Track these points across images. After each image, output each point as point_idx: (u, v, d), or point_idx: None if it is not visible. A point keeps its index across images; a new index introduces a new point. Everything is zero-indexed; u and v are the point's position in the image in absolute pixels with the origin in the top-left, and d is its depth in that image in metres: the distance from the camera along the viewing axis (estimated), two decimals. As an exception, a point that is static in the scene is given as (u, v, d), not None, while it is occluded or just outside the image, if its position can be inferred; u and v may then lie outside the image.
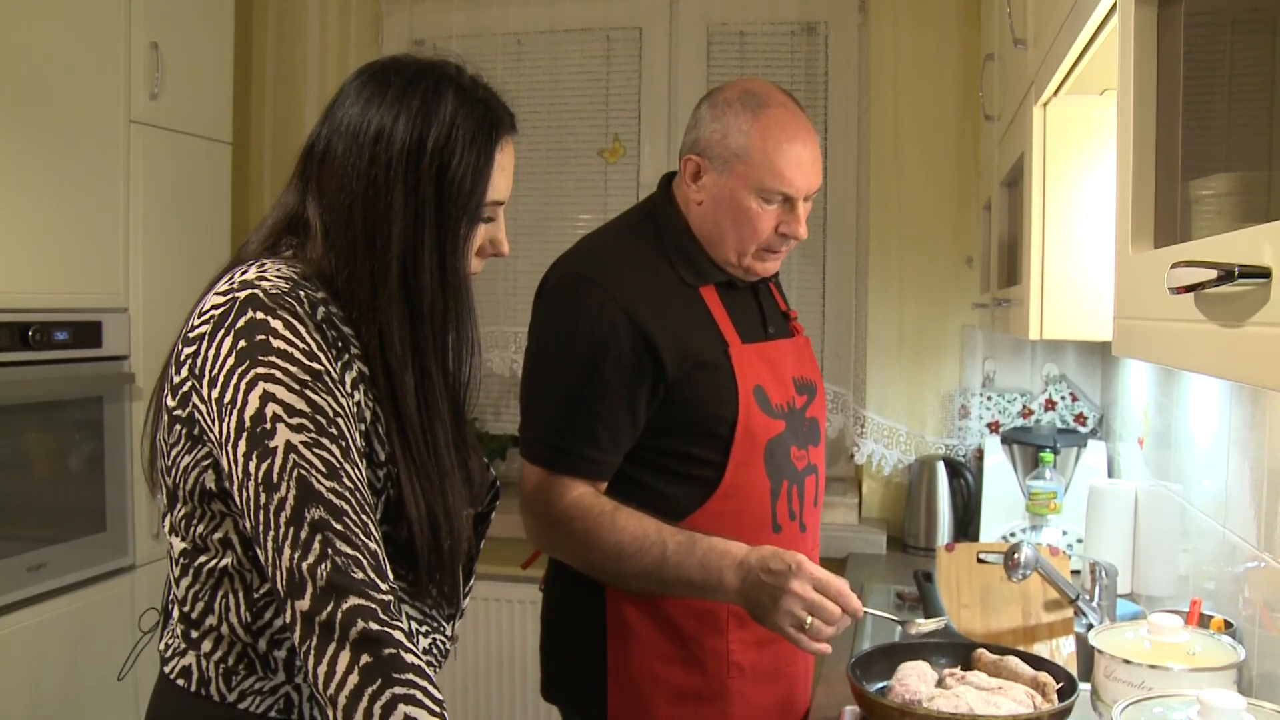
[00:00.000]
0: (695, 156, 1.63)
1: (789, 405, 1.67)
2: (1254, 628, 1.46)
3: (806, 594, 1.42)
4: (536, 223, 3.18)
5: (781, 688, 1.69)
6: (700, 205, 1.64)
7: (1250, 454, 1.48)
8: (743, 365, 1.62)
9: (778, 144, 1.58)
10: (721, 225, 1.63)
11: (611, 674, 1.63)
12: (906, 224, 2.87)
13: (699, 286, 1.65)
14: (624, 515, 1.54)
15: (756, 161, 1.58)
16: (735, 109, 1.61)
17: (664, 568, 1.51)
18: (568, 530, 1.57)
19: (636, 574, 1.54)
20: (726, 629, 1.62)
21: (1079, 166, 1.62)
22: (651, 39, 3.15)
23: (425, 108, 1.15)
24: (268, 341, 1.07)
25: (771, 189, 1.59)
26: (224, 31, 2.98)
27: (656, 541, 1.52)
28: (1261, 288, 0.61)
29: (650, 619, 1.62)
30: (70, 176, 2.45)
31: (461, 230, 1.17)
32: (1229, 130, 0.97)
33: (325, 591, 1.00)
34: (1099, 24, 1.16)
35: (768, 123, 1.59)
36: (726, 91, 1.64)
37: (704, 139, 1.63)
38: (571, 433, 1.57)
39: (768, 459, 1.62)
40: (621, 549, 1.53)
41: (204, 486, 1.12)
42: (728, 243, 1.63)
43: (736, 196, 1.60)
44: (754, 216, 1.60)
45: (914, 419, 2.91)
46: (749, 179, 1.59)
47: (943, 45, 2.84)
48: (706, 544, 1.51)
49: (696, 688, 1.62)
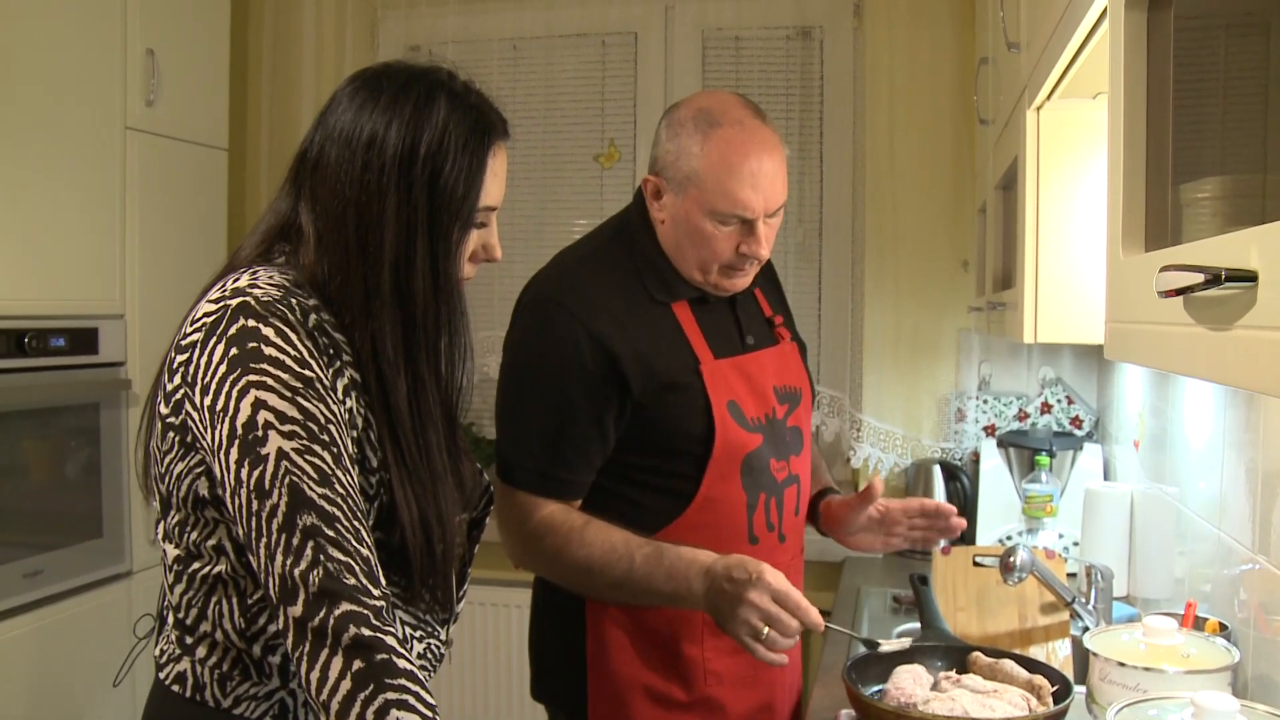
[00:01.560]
0: (653, 177, 1.62)
1: (767, 417, 1.67)
2: (1249, 630, 1.46)
3: (764, 604, 1.42)
4: (533, 228, 3.19)
5: (761, 693, 1.69)
6: (663, 224, 1.63)
7: (1245, 456, 1.48)
8: (715, 382, 1.61)
9: (729, 166, 1.53)
10: (682, 246, 1.61)
11: (591, 678, 1.64)
12: (902, 228, 2.87)
13: (670, 303, 1.64)
14: (593, 530, 1.55)
15: (708, 186, 1.54)
16: (688, 130, 1.56)
17: (632, 580, 1.52)
18: (538, 548, 1.58)
19: (607, 587, 1.56)
20: (702, 637, 1.62)
21: (1073, 170, 1.62)
22: (647, 44, 3.16)
23: (418, 114, 1.16)
24: (260, 349, 1.07)
25: (725, 212, 1.55)
26: (220, 38, 2.99)
27: (624, 555, 1.53)
28: (1248, 291, 0.61)
29: (628, 626, 1.63)
30: (67, 183, 2.46)
31: (454, 236, 1.17)
32: (1219, 134, 0.98)
33: (318, 598, 1.00)
34: (1091, 28, 1.16)
35: (719, 144, 1.54)
36: (682, 110, 1.61)
37: (660, 159, 1.61)
38: (540, 454, 1.58)
39: (745, 473, 1.62)
40: (591, 564, 1.54)
41: (197, 493, 1.12)
42: (690, 262, 1.62)
43: (692, 219, 1.57)
44: (710, 239, 1.57)
45: (910, 422, 2.92)
46: (702, 203, 1.55)
47: (937, 49, 2.84)
48: (674, 554, 1.52)
49: (674, 695, 1.63)
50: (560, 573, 1.60)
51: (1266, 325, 0.60)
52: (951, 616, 1.79)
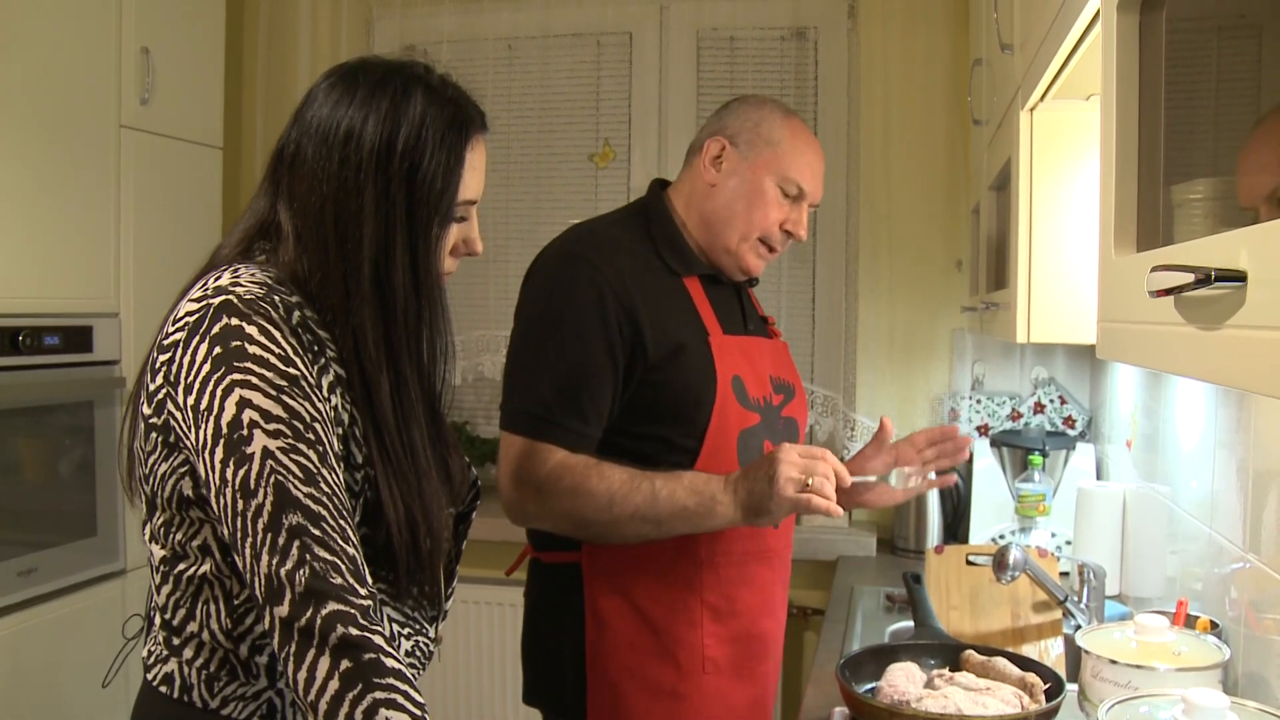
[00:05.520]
0: (722, 138, 1.72)
1: (765, 400, 1.71)
2: (1239, 628, 1.47)
3: (796, 458, 1.47)
4: (527, 227, 3.19)
5: (754, 688, 1.70)
6: (714, 187, 1.72)
7: (1236, 456, 1.49)
8: (722, 354, 1.66)
9: (804, 144, 1.73)
10: (734, 206, 1.70)
11: (590, 669, 1.65)
12: (896, 228, 2.88)
13: (684, 276, 1.70)
14: (608, 466, 1.58)
15: (786, 151, 1.70)
16: (769, 109, 1.74)
17: (656, 502, 1.54)
18: (556, 490, 1.58)
19: (631, 515, 1.56)
20: (700, 621, 1.64)
21: (1066, 171, 1.63)
22: (642, 44, 3.16)
23: (395, 108, 1.15)
24: (243, 347, 1.07)
25: (793, 179, 1.70)
26: (215, 36, 2.98)
27: (645, 479, 1.56)
28: (1238, 291, 0.62)
29: (626, 611, 1.63)
30: (61, 181, 2.45)
31: (434, 230, 1.17)
32: (1211, 136, 0.98)
33: (304, 597, 0.99)
34: (1084, 30, 1.17)
35: (797, 127, 1.74)
36: (758, 97, 1.78)
37: (733, 125, 1.73)
38: (557, 403, 1.60)
39: (741, 449, 1.65)
40: (612, 494, 1.55)
41: (182, 494, 1.12)
42: (735, 225, 1.70)
43: (758, 178, 1.70)
44: (769, 202, 1.70)
45: (903, 422, 2.92)
46: (775, 165, 1.70)
47: (931, 50, 2.85)
48: (691, 474, 1.57)
49: (672, 683, 1.64)
50: (580, 511, 1.58)
51: (1256, 324, 0.61)
52: (945, 615, 1.80)
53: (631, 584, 1.64)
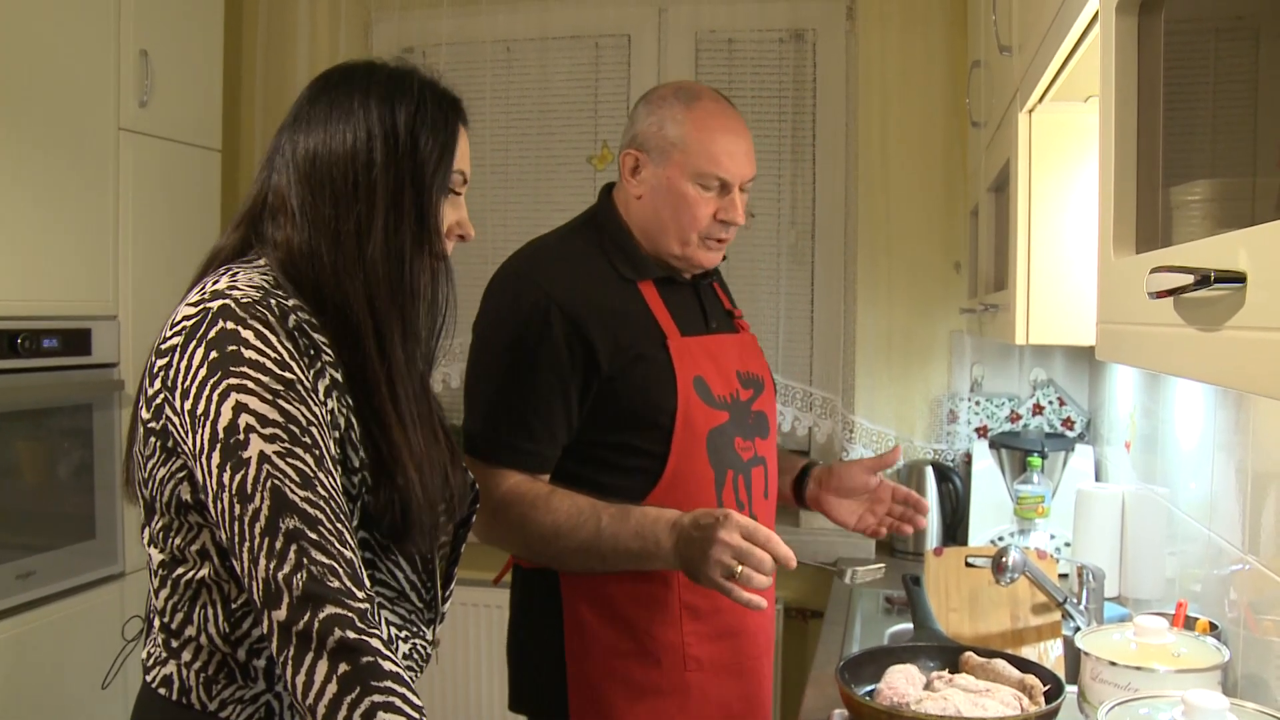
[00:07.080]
0: (633, 150, 1.69)
1: (732, 397, 1.70)
2: (1239, 629, 1.47)
3: (734, 541, 1.42)
4: (526, 229, 3.16)
5: (746, 684, 1.70)
6: (640, 199, 1.69)
7: (1235, 457, 1.49)
8: (681, 356, 1.65)
9: (711, 132, 1.64)
10: (661, 216, 1.67)
11: (570, 674, 1.65)
12: (894, 230, 2.88)
13: (637, 281, 1.69)
14: (558, 497, 1.58)
15: (692, 149, 1.64)
16: (669, 102, 1.67)
17: (600, 540, 1.54)
18: (505, 518, 1.59)
19: (575, 550, 1.56)
20: (680, 621, 1.63)
21: (1065, 172, 1.63)
22: (640, 46, 3.17)
23: (394, 85, 1.20)
24: (239, 352, 1.07)
25: (708, 173, 1.64)
26: (214, 39, 2.98)
27: (591, 517, 1.55)
28: (1237, 292, 0.62)
29: (604, 614, 1.63)
30: (60, 184, 2.45)
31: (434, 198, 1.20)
32: (1209, 137, 0.98)
33: (301, 601, 1.00)
34: (1082, 32, 1.17)
35: (701, 113, 1.65)
36: (660, 89, 1.72)
37: (641, 133, 1.68)
38: (506, 425, 1.61)
39: (710, 449, 1.64)
40: (558, 528, 1.56)
41: (180, 498, 1.12)
42: (669, 233, 1.68)
43: (675, 184, 1.65)
44: (692, 203, 1.65)
45: (902, 424, 2.92)
46: (686, 166, 1.64)
47: (929, 52, 2.85)
48: (640, 512, 1.55)
49: (654, 682, 1.63)
50: (527, 541, 1.61)
51: (1255, 325, 0.61)
52: (944, 617, 1.80)
53: (608, 587, 1.63)
